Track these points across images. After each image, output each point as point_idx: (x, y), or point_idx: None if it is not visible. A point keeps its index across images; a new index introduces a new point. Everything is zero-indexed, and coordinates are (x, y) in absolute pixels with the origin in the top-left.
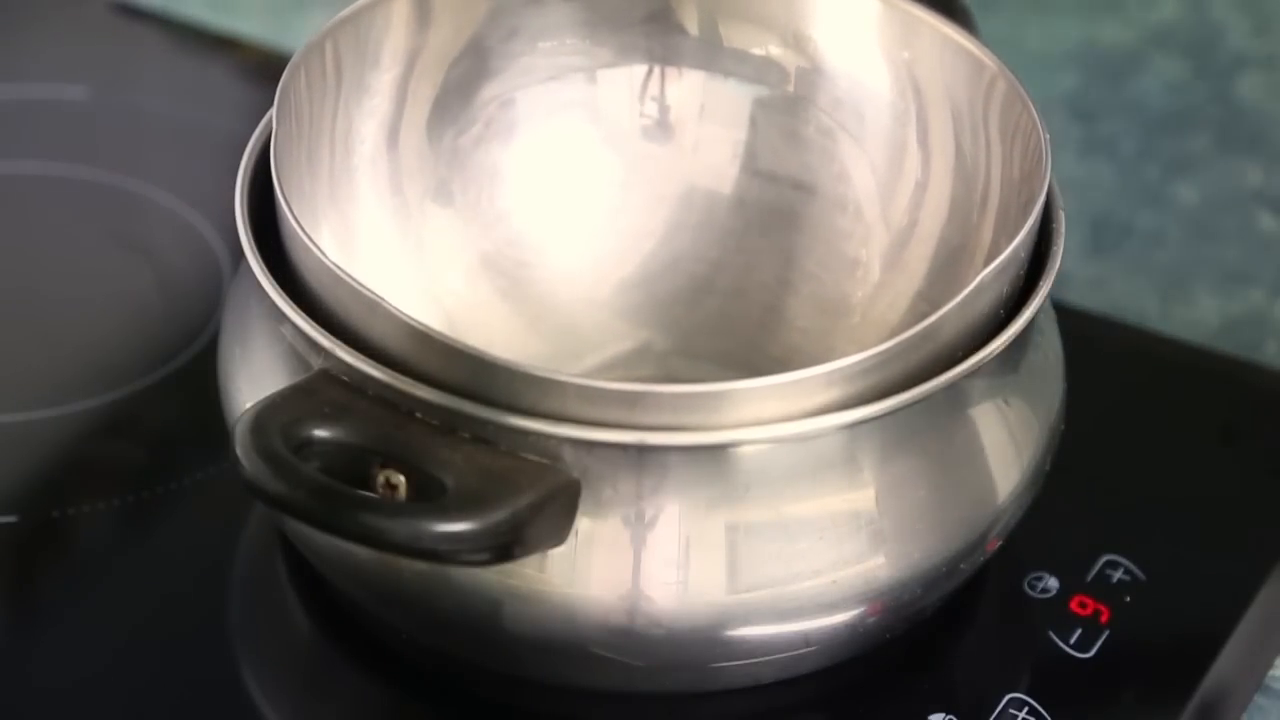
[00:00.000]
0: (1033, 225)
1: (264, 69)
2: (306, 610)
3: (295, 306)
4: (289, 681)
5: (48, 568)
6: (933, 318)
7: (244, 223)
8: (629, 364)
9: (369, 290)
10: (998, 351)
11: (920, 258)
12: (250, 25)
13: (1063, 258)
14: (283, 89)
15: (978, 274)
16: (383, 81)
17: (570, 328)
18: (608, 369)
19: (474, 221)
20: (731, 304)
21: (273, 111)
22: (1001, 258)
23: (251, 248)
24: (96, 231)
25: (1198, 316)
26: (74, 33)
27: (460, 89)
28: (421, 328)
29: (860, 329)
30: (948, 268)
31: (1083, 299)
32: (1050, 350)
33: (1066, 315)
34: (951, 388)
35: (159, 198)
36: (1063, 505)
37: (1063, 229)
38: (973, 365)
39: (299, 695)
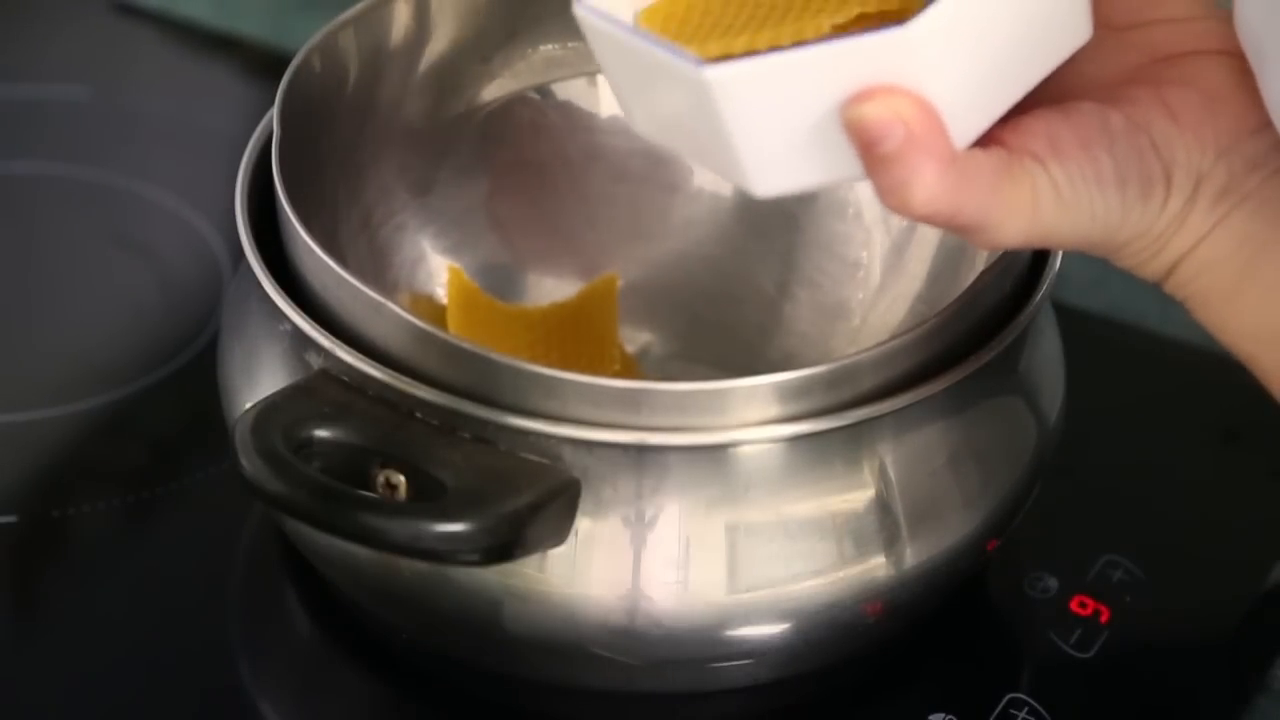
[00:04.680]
0: None
1: (264, 69)
2: (306, 610)
3: (295, 306)
4: (289, 681)
5: (48, 568)
6: (933, 319)
7: (244, 223)
8: None
9: (372, 291)
10: (998, 351)
11: (920, 261)
12: (251, 25)
13: (1063, 258)
14: (284, 91)
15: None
16: (383, 83)
17: None
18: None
19: (473, 222)
20: (731, 307)
21: (274, 113)
22: (999, 259)
23: (252, 248)
24: (96, 231)
25: None
26: (74, 33)
27: (460, 90)
28: (424, 327)
29: (860, 332)
30: (948, 271)
31: (1083, 299)
32: (1050, 350)
33: (1066, 315)
34: (952, 388)
35: (159, 198)
36: (1063, 505)
37: None
38: (973, 365)
39: (299, 695)
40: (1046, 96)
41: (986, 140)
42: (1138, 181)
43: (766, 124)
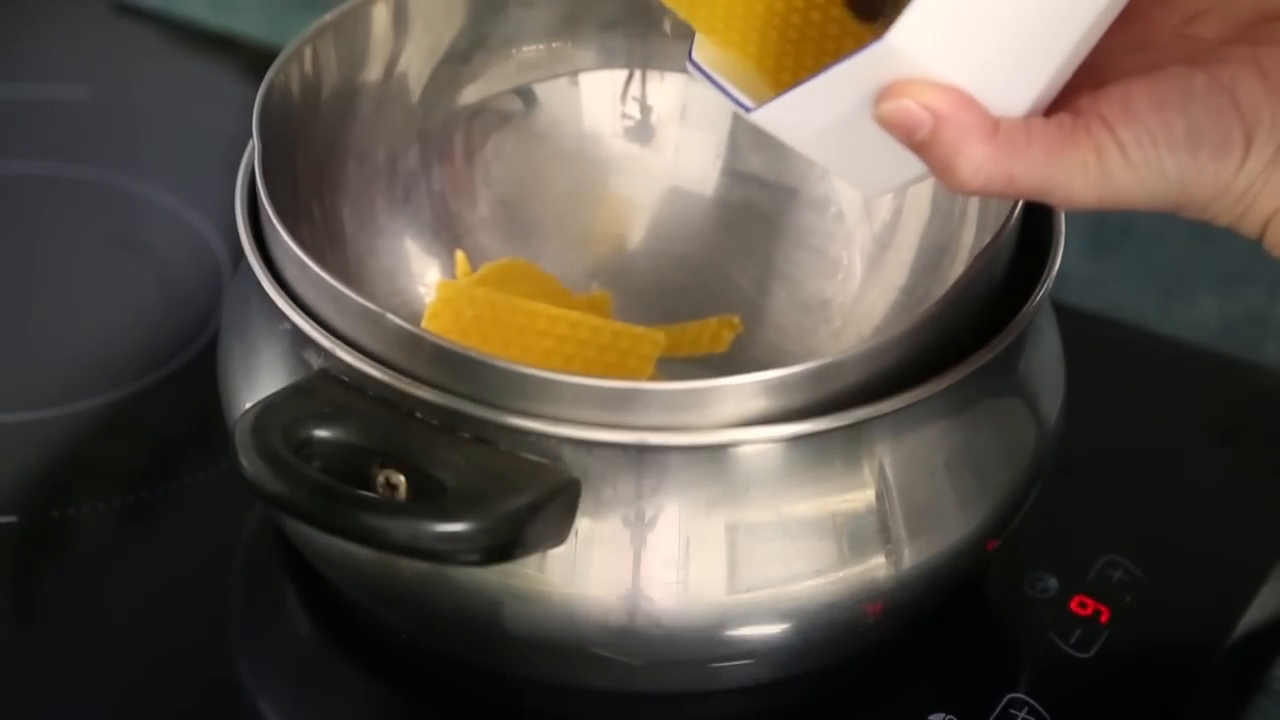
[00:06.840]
0: (1016, 219)
1: (263, 69)
2: (306, 610)
3: (295, 306)
4: (289, 681)
5: (48, 568)
6: (923, 312)
7: (244, 223)
8: None
9: (364, 301)
10: (997, 352)
11: (903, 259)
12: (249, 25)
13: (1063, 258)
14: (261, 101)
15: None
16: (361, 88)
17: None
18: None
19: (457, 223)
20: (709, 305)
21: (253, 125)
22: (986, 248)
23: (252, 248)
24: (96, 231)
25: (1198, 316)
26: (74, 33)
27: (441, 92)
28: (418, 331)
29: (842, 330)
30: (930, 269)
31: (1083, 299)
32: (1050, 350)
33: (1066, 315)
34: (951, 388)
35: (159, 198)
36: (1063, 505)
37: (1062, 229)
38: (972, 366)
39: (299, 695)
40: (1155, 62)
41: (1064, 105)
42: (1213, 142)
43: (827, 141)
